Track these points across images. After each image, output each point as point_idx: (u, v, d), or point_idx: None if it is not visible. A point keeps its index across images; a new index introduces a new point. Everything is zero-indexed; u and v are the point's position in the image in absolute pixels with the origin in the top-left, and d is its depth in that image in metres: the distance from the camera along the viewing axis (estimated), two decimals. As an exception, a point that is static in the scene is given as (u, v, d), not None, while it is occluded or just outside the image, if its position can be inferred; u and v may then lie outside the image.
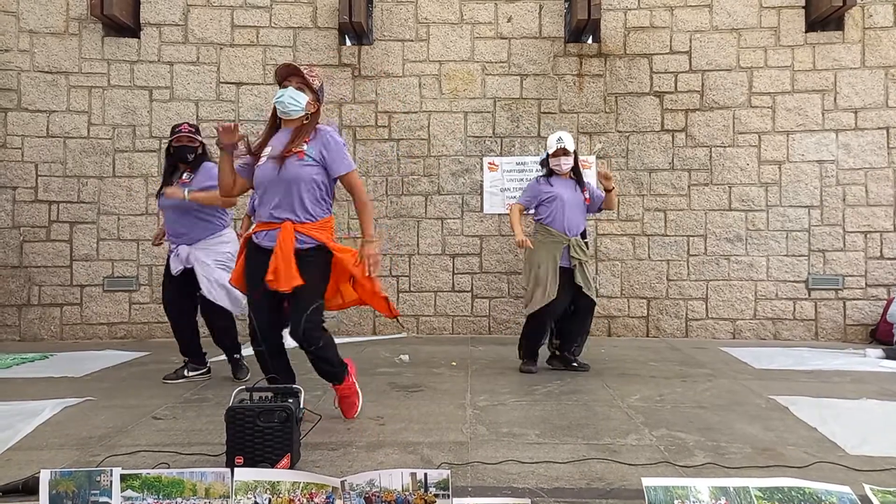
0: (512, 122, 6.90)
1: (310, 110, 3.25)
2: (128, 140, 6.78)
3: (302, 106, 3.20)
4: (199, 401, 3.98)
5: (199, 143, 4.44)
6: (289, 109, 3.20)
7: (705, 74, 6.81)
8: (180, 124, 4.47)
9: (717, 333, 6.78)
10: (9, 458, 2.92)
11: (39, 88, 6.71)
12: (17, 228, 6.69)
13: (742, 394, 4.17)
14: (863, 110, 6.66)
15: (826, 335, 6.68)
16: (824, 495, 2.07)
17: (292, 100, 3.19)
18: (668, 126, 6.83)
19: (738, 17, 6.79)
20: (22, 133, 6.68)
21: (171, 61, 6.81)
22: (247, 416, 2.63)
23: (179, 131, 4.39)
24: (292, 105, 3.19)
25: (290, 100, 3.19)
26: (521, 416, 3.59)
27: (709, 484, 2.11)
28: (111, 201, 6.76)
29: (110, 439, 3.18)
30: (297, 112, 3.21)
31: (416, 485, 2.10)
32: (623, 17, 6.87)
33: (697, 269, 6.81)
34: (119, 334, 6.75)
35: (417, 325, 6.87)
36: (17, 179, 6.68)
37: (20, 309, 6.70)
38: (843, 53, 6.68)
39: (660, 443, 3.11)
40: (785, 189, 6.74)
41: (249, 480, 2.16)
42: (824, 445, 3.08)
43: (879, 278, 6.65)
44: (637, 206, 6.82)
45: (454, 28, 6.92)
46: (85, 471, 2.19)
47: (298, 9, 6.89)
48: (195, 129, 4.48)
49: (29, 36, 6.69)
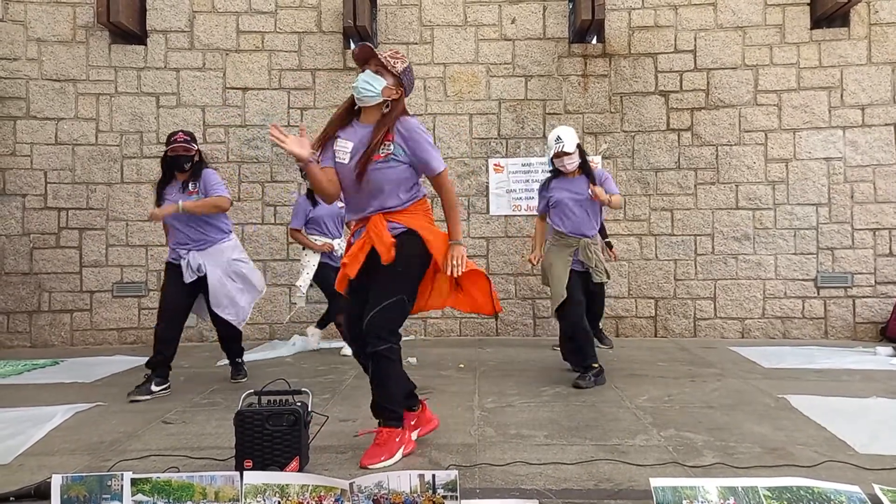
0: (517, 124, 6.91)
1: (388, 96, 2.91)
2: (135, 146, 6.83)
3: (378, 91, 2.87)
4: (209, 405, 4.00)
5: (195, 151, 4.39)
6: (363, 95, 2.89)
7: (710, 73, 6.79)
8: (175, 133, 4.41)
9: (726, 333, 6.75)
10: (21, 463, 2.95)
11: (48, 96, 6.76)
12: (27, 235, 6.74)
13: (751, 393, 4.15)
14: (870, 107, 6.62)
15: (836, 333, 6.64)
16: (834, 495, 2.06)
17: (366, 84, 2.87)
18: (674, 125, 6.81)
19: (742, 15, 6.77)
20: (31, 141, 6.74)
21: (177, 67, 6.86)
22: (255, 419, 2.64)
23: (175, 140, 4.35)
24: (366, 90, 2.87)
25: (363, 84, 2.87)
26: (528, 417, 3.59)
27: (717, 484, 2.11)
28: (120, 207, 6.80)
29: (121, 444, 3.21)
30: (372, 98, 2.89)
31: (424, 486, 2.10)
32: (627, 16, 6.86)
33: (705, 269, 6.79)
34: (129, 339, 6.79)
35: (425, 327, 6.88)
36: (27, 187, 6.74)
37: (31, 315, 6.75)
38: (849, 50, 6.65)
39: (668, 443, 3.10)
40: (792, 187, 6.71)
41: (259, 484, 2.17)
42: (834, 444, 3.06)
43: (889, 275, 6.61)
44: (644, 206, 6.81)
45: (458, 30, 6.94)
46: (96, 475, 2.21)
47: (303, 13, 6.92)
48: (190, 137, 4.41)
49: (37, 44, 6.75)
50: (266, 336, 6.81)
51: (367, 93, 2.88)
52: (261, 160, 6.90)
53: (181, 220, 4.35)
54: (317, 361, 5.50)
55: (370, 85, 2.87)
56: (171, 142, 4.37)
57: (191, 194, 4.34)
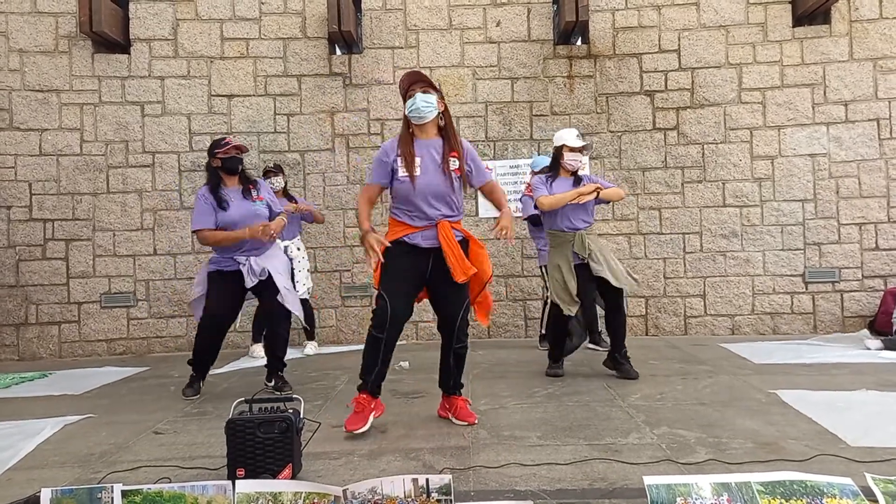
0: (504, 126, 6.92)
1: (440, 108, 3.37)
2: (121, 156, 6.78)
3: (434, 105, 3.32)
4: (200, 414, 3.97)
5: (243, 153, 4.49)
6: (424, 113, 3.30)
7: (695, 72, 6.84)
8: (223, 137, 4.49)
9: (716, 330, 6.79)
10: (10, 477, 2.91)
11: (31, 107, 6.71)
12: (13, 248, 6.68)
13: (742, 389, 4.17)
14: (853, 103, 6.69)
15: (824, 328, 6.69)
16: (827, 488, 2.07)
17: (425, 102, 3.29)
18: (660, 125, 6.85)
19: (725, 14, 6.83)
20: (15, 152, 6.68)
21: (161, 76, 6.82)
22: (247, 427, 2.62)
23: (226, 144, 4.36)
24: (427, 108, 3.30)
25: (423, 103, 3.28)
26: (522, 418, 3.59)
27: (711, 480, 2.11)
28: (106, 217, 6.75)
29: (111, 456, 3.18)
30: (431, 113, 3.32)
31: (418, 491, 2.09)
32: (611, 17, 6.90)
33: (694, 267, 6.82)
34: (118, 350, 6.74)
35: (416, 330, 6.87)
36: (11, 199, 6.67)
37: (18, 328, 6.68)
38: (830, 47, 6.72)
39: (661, 441, 3.11)
40: (778, 184, 6.76)
41: (251, 492, 2.15)
42: (825, 438, 3.08)
43: (876, 269, 6.67)
44: (631, 206, 6.84)
45: (443, 34, 6.95)
46: (86, 488, 2.19)
47: (287, 20, 6.91)
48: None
49: (19, 55, 6.70)
50: (257, 344, 6.76)
51: (428, 109, 3.30)
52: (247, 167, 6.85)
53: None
54: (308, 368, 5.47)
55: (429, 103, 3.30)
56: (223, 145, 4.36)
57: (256, 200, 4.41)
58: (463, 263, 3.30)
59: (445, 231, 3.33)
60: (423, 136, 3.38)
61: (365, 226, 3.38)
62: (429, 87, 3.35)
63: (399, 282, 3.33)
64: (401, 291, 3.33)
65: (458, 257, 3.30)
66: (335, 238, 6.89)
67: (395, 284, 3.32)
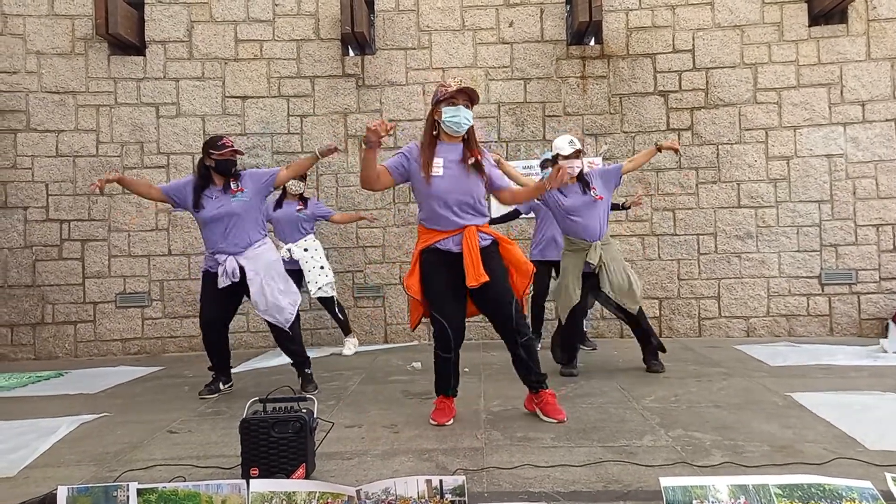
0: (517, 127, 6.90)
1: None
2: (136, 157, 6.83)
3: (472, 122, 3.46)
4: (214, 414, 3.99)
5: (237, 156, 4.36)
6: (464, 128, 3.41)
7: (709, 72, 6.79)
8: (221, 138, 4.30)
9: (731, 332, 6.73)
10: (26, 475, 2.94)
11: (48, 109, 6.78)
12: (30, 248, 6.74)
13: (758, 392, 4.13)
14: (870, 102, 6.61)
15: (841, 330, 6.62)
16: (845, 491, 2.04)
17: (467, 120, 3.41)
18: (674, 125, 6.81)
19: (740, 14, 6.77)
20: (32, 153, 6.75)
21: (176, 77, 6.87)
22: (261, 427, 2.63)
23: (223, 146, 4.24)
24: (468, 124, 3.42)
25: (465, 120, 3.39)
26: (535, 420, 3.57)
27: (728, 482, 2.09)
28: (121, 218, 6.81)
29: (126, 454, 3.20)
30: (468, 126, 3.44)
31: (431, 492, 2.09)
32: (625, 17, 6.87)
33: (708, 268, 6.77)
34: (132, 350, 6.79)
35: (429, 332, 6.86)
36: (28, 199, 6.74)
37: (34, 328, 6.75)
38: (847, 46, 6.65)
39: (676, 443, 3.08)
40: (794, 184, 6.69)
41: (265, 492, 2.16)
42: (843, 441, 3.04)
43: (893, 271, 6.58)
44: (645, 207, 6.79)
45: (456, 35, 6.94)
46: (102, 486, 2.20)
47: (301, 21, 6.94)
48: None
49: (36, 57, 6.77)
50: (271, 343, 6.78)
51: (467, 125, 3.42)
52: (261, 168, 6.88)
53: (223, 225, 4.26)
54: (321, 368, 5.48)
55: (469, 120, 3.43)
56: (220, 147, 4.23)
57: (236, 193, 4.28)
58: (477, 270, 3.35)
59: (470, 236, 3.40)
60: (447, 141, 3.48)
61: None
62: (471, 103, 3.46)
63: (447, 301, 3.45)
64: (453, 309, 3.47)
65: (475, 264, 3.36)
66: (348, 239, 6.91)
67: (444, 304, 3.45)
